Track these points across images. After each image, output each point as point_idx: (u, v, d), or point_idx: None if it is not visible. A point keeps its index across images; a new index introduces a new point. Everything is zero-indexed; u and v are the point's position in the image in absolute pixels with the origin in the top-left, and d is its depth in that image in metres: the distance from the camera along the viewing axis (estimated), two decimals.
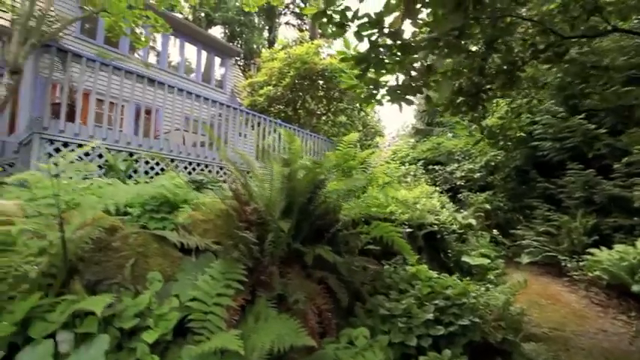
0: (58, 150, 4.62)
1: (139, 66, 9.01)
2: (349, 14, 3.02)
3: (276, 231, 2.42)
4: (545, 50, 3.98)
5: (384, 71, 3.23)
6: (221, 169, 6.58)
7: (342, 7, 3.00)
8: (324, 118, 10.44)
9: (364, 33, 2.98)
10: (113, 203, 1.67)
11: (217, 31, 26.09)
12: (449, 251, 5.21)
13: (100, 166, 4.93)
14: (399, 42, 3.03)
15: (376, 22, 2.96)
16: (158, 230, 2.20)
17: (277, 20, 25.76)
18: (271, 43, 23.17)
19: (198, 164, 6.20)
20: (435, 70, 3.07)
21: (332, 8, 3.00)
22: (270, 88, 9.42)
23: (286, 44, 10.70)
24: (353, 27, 3.02)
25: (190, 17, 21.63)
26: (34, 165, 4.45)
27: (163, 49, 10.85)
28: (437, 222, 5.20)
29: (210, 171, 6.36)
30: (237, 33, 24.40)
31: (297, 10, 24.97)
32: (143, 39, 7.40)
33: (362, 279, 2.81)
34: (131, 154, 5.31)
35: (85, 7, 6.07)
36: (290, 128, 8.28)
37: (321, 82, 9.80)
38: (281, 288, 2.28)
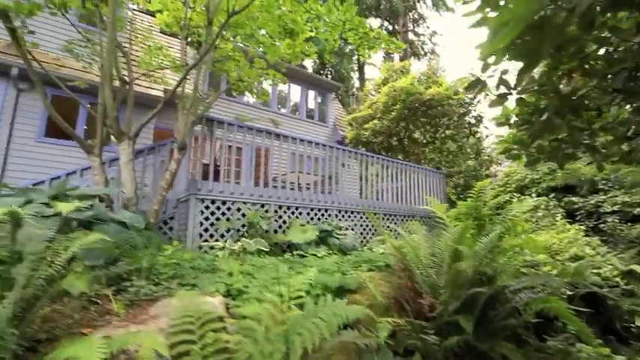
0: (207, 207, 5.26)
1: (262, 121, 9.96)
2: (507, 77, 2.81)
3: (455, 327, 2.29)
4: None
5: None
6: (339, 212, 6.74)
7: (498, 71, 2.80)
8: (430, 146, 10.05)
9: (528, 98, 2.74)
10: (325, 326, 1.75)
11: (308, 61, 27.57)
12: (617, 314, 4.37)
13: (239, 219, 5.49)
14: (570, 102, 2.70)
15: (542, 85, 2.69)
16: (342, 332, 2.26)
17: None
18: (361, 67, 23.52)
19: (319, 209, 6.45)
20: None
21: (487, 75, 2.83)
22: (376, 122, 9.45)
23: (388, 74, 10.70)
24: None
25: None
26: (192, 221, 5.14)
27: (273, 92, 11.82)
28: (597, 278, 4.43)
29: (329, 215, 6.56)
30: (327, 61, 25.40)
31: (384, 31, 25.01)
32: (260, 90, 8.17)
33: None
34: (262, 206, 5.79)
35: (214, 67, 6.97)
36: (395, 163, 8.14)
37: (424, 109, 9.50)
38: None
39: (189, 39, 7.35)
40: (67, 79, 6.08)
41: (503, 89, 2.94)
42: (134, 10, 11.51)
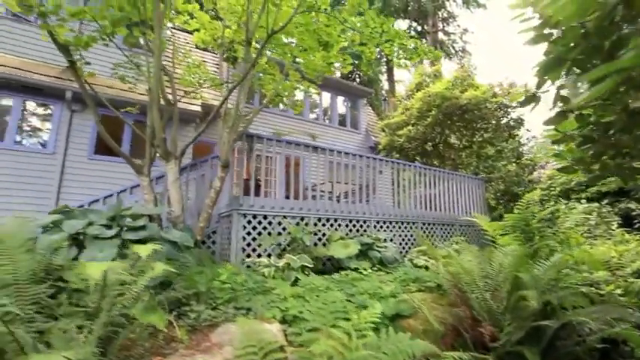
0: (249, 222, 5.37)
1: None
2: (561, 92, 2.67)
3: (517, 357, 2.19)
4: None
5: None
6: (377, 222, 6.68)
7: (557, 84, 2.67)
8: (466, 151, 9.74)
9: (588, 114, 2.59)
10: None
11: (336, 65, 27.56)
12: None
13: (280, 233, 5.56)
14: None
15: (606, 99, 2.54)
16: None
17: None
18: (390, 70, 23.26)
19: (357, 220, 6.41)
20: None
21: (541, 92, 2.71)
22: (410, 128, 9.31)
23: (421, 79, 10.51)
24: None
25: None
26: (235, 236, 5.25)
27: (305, 100, 11.93)
28: None
29: (368, 226, 6.51)
30: (355, 65, 25.26)
31: (412, 32, 24.59)
32: (294, 102, 8.28)
33: None
34: (302, 219, 5.84)
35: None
36: (432, 170, 7.96)
37: (460, 112, 9.22)
38: None
39: (224, 55, 7.57)
40: (114, 99, 6.45)
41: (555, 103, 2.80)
42: (171, 27, 12.04)
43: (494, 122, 9.10)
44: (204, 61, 9.96)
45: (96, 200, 5.60)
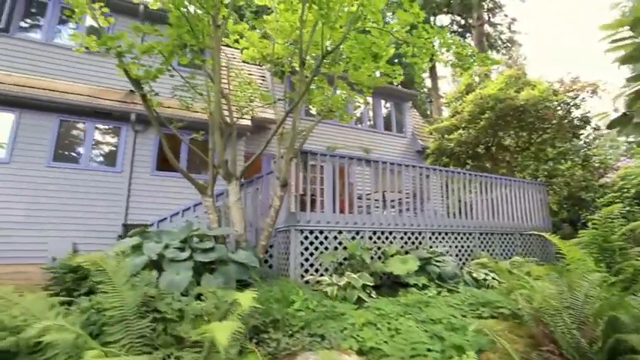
0: (306, 237, 5.46)
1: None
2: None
3: None
4: None
5: None
6: (433, 234, 6.52)
7: None
8: (524, 153, 9.19)
9: None
10: None
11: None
12: None
13: (336, 248, 5.60)
14: None
15: None
16: None
17: None
18: (432, 67, 22.57)
19: (412, 232, 6.30)
20: None
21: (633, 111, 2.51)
22: (461, 132, 8.97)
23: (471, 79, 10.08)
24: None
25: None
26: (293, 252, 5.35)
27: (350, 109, 11.93)
28: None
29: (423, 238, 6.38)
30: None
31: (455, 27, 23.67)
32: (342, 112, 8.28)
33: None
34: (357, 233, 5.84)
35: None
36: (488, 177, 7.60)
37: (517, 114, 8.72)
38: None
39: (273, 70, 7.77)
40: (172, 118, 6.81)
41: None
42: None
43: (555, 122, 8.51)
44: (250, 74, 10.29)
45: (164, 219, 5.99)
